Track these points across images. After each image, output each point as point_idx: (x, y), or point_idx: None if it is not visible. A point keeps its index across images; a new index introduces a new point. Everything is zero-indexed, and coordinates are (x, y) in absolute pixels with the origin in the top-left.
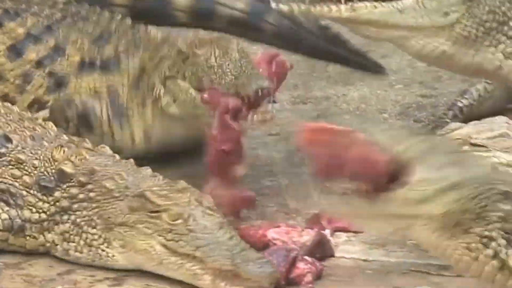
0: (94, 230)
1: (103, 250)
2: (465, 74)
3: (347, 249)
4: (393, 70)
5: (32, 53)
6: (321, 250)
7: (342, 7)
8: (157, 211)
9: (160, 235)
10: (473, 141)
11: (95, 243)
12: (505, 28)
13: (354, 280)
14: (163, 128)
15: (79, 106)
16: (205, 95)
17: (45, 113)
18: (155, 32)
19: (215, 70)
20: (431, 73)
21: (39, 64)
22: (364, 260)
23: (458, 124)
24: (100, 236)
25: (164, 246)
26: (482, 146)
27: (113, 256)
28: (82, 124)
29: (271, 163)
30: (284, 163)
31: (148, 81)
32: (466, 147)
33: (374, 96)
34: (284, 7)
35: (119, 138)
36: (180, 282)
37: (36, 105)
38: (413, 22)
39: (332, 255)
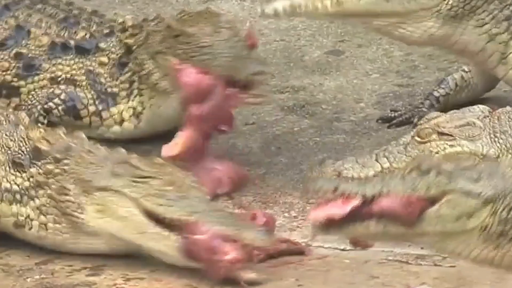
0: (70, 198)
1: (78, 217)
2: (457, 53)
3: (324, 238)
4: (370, 60)
5: None
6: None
7: (328, 2)
8: (145, 177)
9: (148, 200)
10: (440, 129)
11: (70, 210)
12: (491, 6)
13: (332, 270)
14: (153, 105)
15: (60, 96)
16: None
17: (18, 100)
18: (123, 15)
19: (207, 51)
20: (408, 63)
21: (1, 45)
22: (342, 250)
23: (436, 113)
24: (75, 202)
25: (152, 211)
26: (448, 135)
27: (89, 222)
28: (67, 114)
29: (247, 152)
30: (261, 153)
31: (135, 58)
32: (434, 136)
33: (350, 86)
34: (269, 9)
35: (107, 123)
36: (157, 269)
37: (5, 90)
38: (401, 8)
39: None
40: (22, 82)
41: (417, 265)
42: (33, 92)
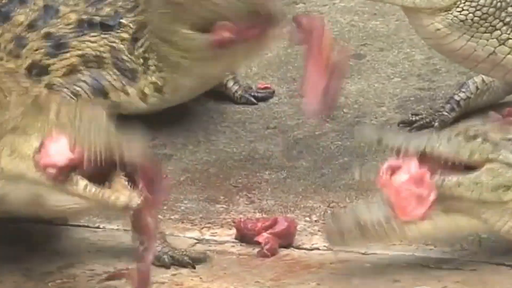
0: None
1: None
2: (456, 59)
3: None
4: (391, 64)
5: (21, 16)
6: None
7: None
8: (47, 111)
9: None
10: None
11: None
12: (503, 14)
13: (353, 274)
14: (174, 80)
15: (87, 80)
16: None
17: (49, 78)
18: None
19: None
20: (429, 66)
21: (31, 26)
22: (363, 254)
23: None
24: None
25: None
26: None
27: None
28: (94, 95)
29: (269, 156)
30: (282, 157)
31: (149, 33)
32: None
33: (372, 90)
34: None
35: (133, 98)
36: (179, 273)
37: (35, 69)
38: (411, 4)
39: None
40: (51, 61)
41: (439, 269)
42: (60, 72)
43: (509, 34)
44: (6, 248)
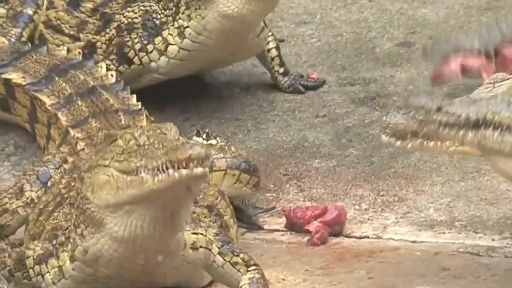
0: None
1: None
2: None
3: (395, 230)
4: None
5: (89, 4)
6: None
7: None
8: (115, 140)
9: (115, 161)
10: None
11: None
12: None
13: (403, 262)
14: (198, 18)
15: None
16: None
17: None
18: None
19: None
20: None
21: (93, 11)
22: (413, 242)
23: (502, 74)
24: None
25: (119, 170)
26: None
27: (92, 208)
28: (120, 64)
29: (318, 145)
30: (331, 145)
31: None
32: None
33: (421, 78)
34: None
35: (152, 56)
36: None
37: (88, 49)
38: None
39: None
40: (97, 37)
41: (488, 257)
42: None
43: None
44: None
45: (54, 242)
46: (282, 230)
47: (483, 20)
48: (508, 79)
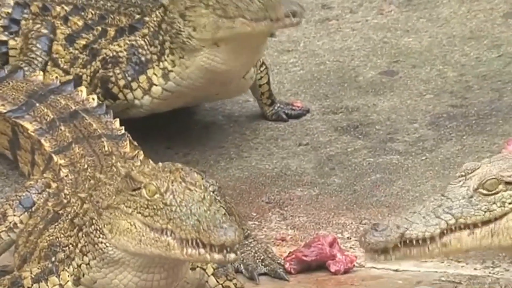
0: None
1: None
2: None
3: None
4: (423, 80)
5: (83, 41)
6: None
7: None
8: (138, 188)
9: (138, 212)
10: (506, 179)
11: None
12: None
13: None
14: (182, 65)
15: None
16: None
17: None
18: None
19: None
20: (461, 83)
21: (85, 47)
22: (395, 270)
23: (474, 163)
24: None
25: (142, 222)
26: None
27: (106, 244)
28: (105, 98)
29: (301, 173)
30: (314, 174)
31: (168, 17)
32: (500, 186)
33: (404, 106)
34: None
35: (136, 93)
36: None
37: (74, 82)
38: None
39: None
40: (83, 70)
41: (470, 286)
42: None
43: None
44: None
45: (53, 259)
46: None
47: (466, 50)
48: (478, 168)
